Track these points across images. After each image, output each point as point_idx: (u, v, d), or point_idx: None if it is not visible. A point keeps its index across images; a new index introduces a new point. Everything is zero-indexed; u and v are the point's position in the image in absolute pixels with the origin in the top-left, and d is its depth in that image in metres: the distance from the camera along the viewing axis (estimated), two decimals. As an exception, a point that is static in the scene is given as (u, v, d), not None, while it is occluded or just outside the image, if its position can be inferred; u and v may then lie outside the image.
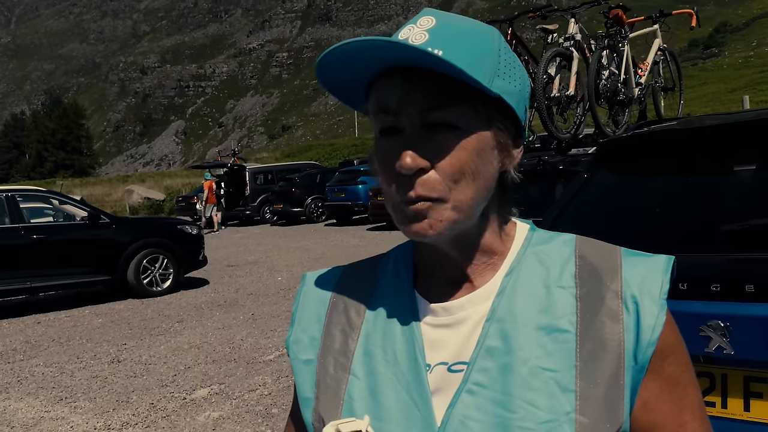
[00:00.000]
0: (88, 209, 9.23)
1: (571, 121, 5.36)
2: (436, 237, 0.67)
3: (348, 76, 0.69)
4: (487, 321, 0.70)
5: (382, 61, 0.66)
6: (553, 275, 0.71)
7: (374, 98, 0.69)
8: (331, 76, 0.70)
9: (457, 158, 0.66)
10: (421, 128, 0.66)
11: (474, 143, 0.67)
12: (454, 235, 0.69)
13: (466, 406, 0.67)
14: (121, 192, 36.37)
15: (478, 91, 0.66)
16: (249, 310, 7.81)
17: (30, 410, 4.79)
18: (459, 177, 0.66)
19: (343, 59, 0.66)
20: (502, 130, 0.70)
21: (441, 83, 0.65)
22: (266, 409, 4.41)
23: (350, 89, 0.72)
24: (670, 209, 2.07)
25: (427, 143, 0.66)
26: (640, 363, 0.67)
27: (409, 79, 0.66)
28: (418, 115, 0.66)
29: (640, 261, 0.71)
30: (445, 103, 0.65)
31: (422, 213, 0.66)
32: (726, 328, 1.56)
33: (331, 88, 0.72)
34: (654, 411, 0.69)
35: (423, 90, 0.66)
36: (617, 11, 5.58)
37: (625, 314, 0.67)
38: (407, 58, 0.64)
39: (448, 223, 0.67)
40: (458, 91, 0.65)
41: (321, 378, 0.76)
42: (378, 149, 0.70)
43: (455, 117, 0.66)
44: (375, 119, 0.70)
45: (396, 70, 0.66)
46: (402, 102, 0.66)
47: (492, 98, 0.67)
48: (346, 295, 0.80)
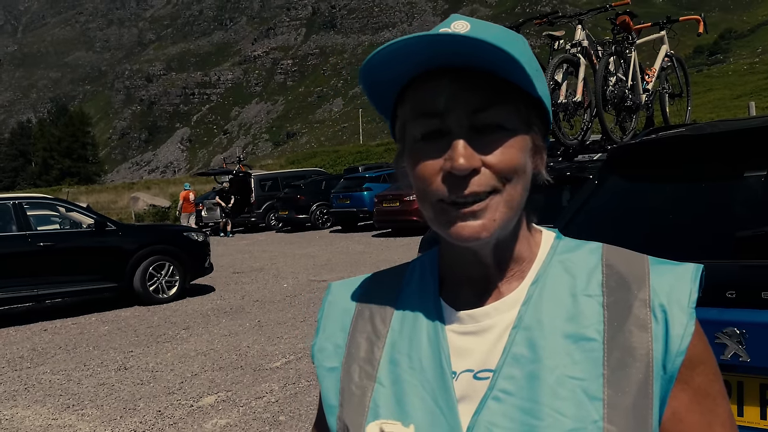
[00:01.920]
0: (94, 217, 9.27)
1: (578, 127, 5.35)
2: (488, 239, 0.67)
3: (386, 77, 0.68)
4: (513, 329, 0.70)
5: (428, 62, 0.65)
6: (579, 284, 0.71)
7: (411, 103, 0.69)
8: (373, 78, 0.69)
9: (508, 156, 0.66)
10: (469, 129, 0.66)
11: (521, 143, 0.68)
12: (495, 240, 0.69)
13: (493, 413, 0.67)
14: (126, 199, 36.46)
15: (521, 92, 0.67)
16: (255, 317, 7.80)
17: (37, 418, 4.79)
18: (511, 175, 0.66)
19: (389, 60, 0.65)
20: (537, 133, 0.71)
21: (488, 84, 0.65)
22: (273, 417, 4.40)
23: (381, 94, 0.71)
24: (681, 215, 2.06)
25: (477, 143, 0.66)
26: (669, 372, 0.66)
27: (456, 79, 0.66)
28: (466, 116, 0.66)
29: (668, 269, 0.70)
30: (492, 103, 0.66)
31: (475, 214, 0.66)
32: (742, 335, 1.55)
33: (372, 96, 0.71)
34: (684, 422, 0.68)
35: (472, 89, 0.66)
36: (624, 18, 5.58)
37: (653, 323, 0.67)
38: (457, 56, 0.64)
39: (501, 221, 0.67)
40: (505, 91, 0.66)
41: (345, 385, 0.76)
42: (418, 153, 0.68)
43: (503, 118, 0.66)
44: (413, 124, 0.69)
45: (441, 71, 0.66)
46: (450, 103, 0.66)
47: (532, 100, 0.68)
48: (371, 304, 0.80)
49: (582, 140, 5.29)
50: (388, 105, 0.73)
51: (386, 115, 0.75)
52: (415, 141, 0.69)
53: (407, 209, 15.11)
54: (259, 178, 23.53)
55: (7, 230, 8.32)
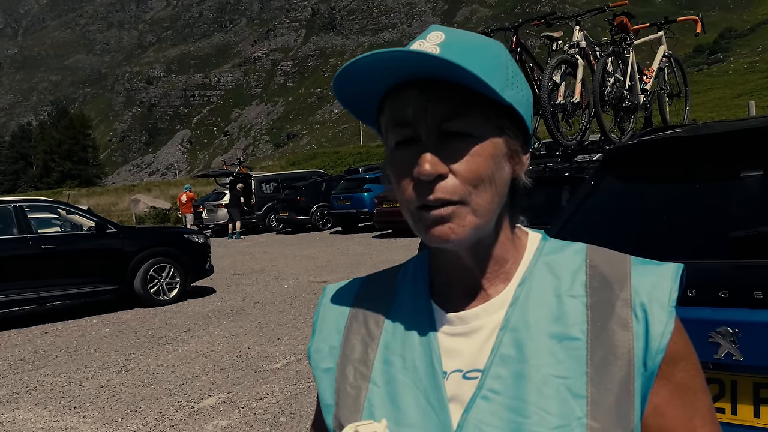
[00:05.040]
0: (95, 219, 9.28)
1: (577, 127, 5.37)
2: (459, 242, 0.69)
3: (364, 89, 0.71)
4: (501, 330, 0.72)
5: (399, 74, 0.68)
6: (564, 285, 0.73)
7: (388, 113, 0.72)
8: (348, 91, 0.72)
9: (474, 164, 0.68)
10: (437, 138, 0.68)
11: (489, 149, 0.69)
12: (472, 242, 0.71)
13: (481, 411, 0.69)
14: (127, 201, 36.45)
15: (490, 100, 0.69)
16: (256, 318, 7.82)
17: (39, 420, 4.80)
18: (477, 182, 0.68)
19: (361, 72, 0.68)
20: (512, 137, 0.72)
21: (456, 94, 0.68)
22: (274, 418, 4.41)
23: (363, 105, 0.74)
24: (677, 216, 2.07)
25: (444, 151, 0.68)
26: (650, 369, 0.68)
27: (425, 90, 0.68)
28: (435, 125, 0.68)
29: (649, 269, 0.72)
30: (460, 113, 0.68)
31: (444, 218, 0.68)
32: (735, 334, 1.56)
33: (347, 103, 0.74)
34: (664, 416, 0.70)
35: (439, 101, 0.68)
36: (622, 18, 5.59)
37: (634, 322, 0.69)
38: (426, 69, 0.66)
39: (470, 227, 0.69)
40: (472, 101, 0.68)
41: (340, 386, 0.78)
42: (394, 160, 0.71)
43: (470, 126, 0.68)
44: (390, 133, 0.72)
45: (411, 83, 0.69)
46: (419, 113, 0.68)
47: (502, 108, 0.70)
48: (365, 306, 0.82)
49: (580, 141, 5.31)
50: (373, 114, 0.76)
51: (370, 123, 0.78)
52: (391, 149, 0.72)
53: (407, 210, 15.08)
54: (259, 179, 23.53)
55: (8, 233, 8.33)
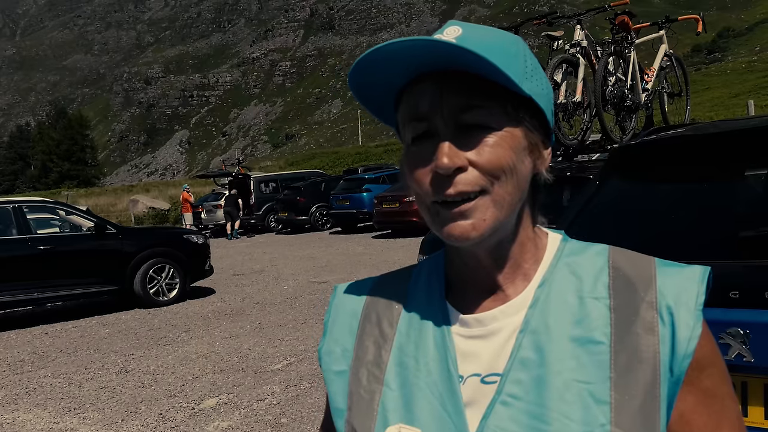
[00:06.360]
0: (94, 220, 9.26)
1: (578, 127, 5.35)
2: (479, 238, 0.67)
3: (380, 81, 0.69)
4: (520, 332, 0.69)
5: (417, 65, 0.66)
6: (586, 286, 0.70)
7: (404, 108, 0.70)
8: (364, 84, 0.70)
9: (494, 155, 0.66)
10: (455, 130, 0.67)
11: (508, 141, 0.67)
12: (492, 241, 0.69)
13: (500, 417, 0.66)
14: (126, 202, 36.41)
15: (507, 92, 0.67)
16: (256, 319, 7.80)
17: (39, 421, 4.78)
18: (498, 173, 0.66)
19: (377, 65, 0.67)
20: (531, 130, 0.70)
21: (472, 85, 0.66)
22: (275, 419, 4.40)
23: (381, 101, 0.73)
24: (684, 216, 2.05)
25: (462, 143, 0.66)
26: (676, 375, 0.66)
27: (440, 81, 0.66)
28: (451, 117, 0.66)
29: (675, 271, 0.70)
30: (477, 104, 0.66)
31: (464, 214, 0.66)
32: (746, 335, 1.55)
33: (363, 97, 0.73)
34: (691, 423, 0.68)
35: (456, 92, 0.66)
36: (623, 17, 5.58)
37: (660, 325, 0.67)
38: (443, 59, 0.65)
39: (491, 221, 0.67)
40: (489, 92, 0.66)
41: (354, 389, 0.76)
42: (410, 155, 0.70)
43: (488, 118, 0.66)
44: (406, 129, 0.70)
45: (426, 75, 0.67)
46: (435, 105, 0.66)
47: (521, 100, 0.68)
48: (378, 307, 0.80)
49: (582, 140, 5.29)
50: (389, 109, 0.74)
51: (382, 117, 0.76)
52: (407, 145, 0.70)
53: (407, 210, 15.10)
54: (258, 179, 23.52)
55: (7, 234, 8.32)
